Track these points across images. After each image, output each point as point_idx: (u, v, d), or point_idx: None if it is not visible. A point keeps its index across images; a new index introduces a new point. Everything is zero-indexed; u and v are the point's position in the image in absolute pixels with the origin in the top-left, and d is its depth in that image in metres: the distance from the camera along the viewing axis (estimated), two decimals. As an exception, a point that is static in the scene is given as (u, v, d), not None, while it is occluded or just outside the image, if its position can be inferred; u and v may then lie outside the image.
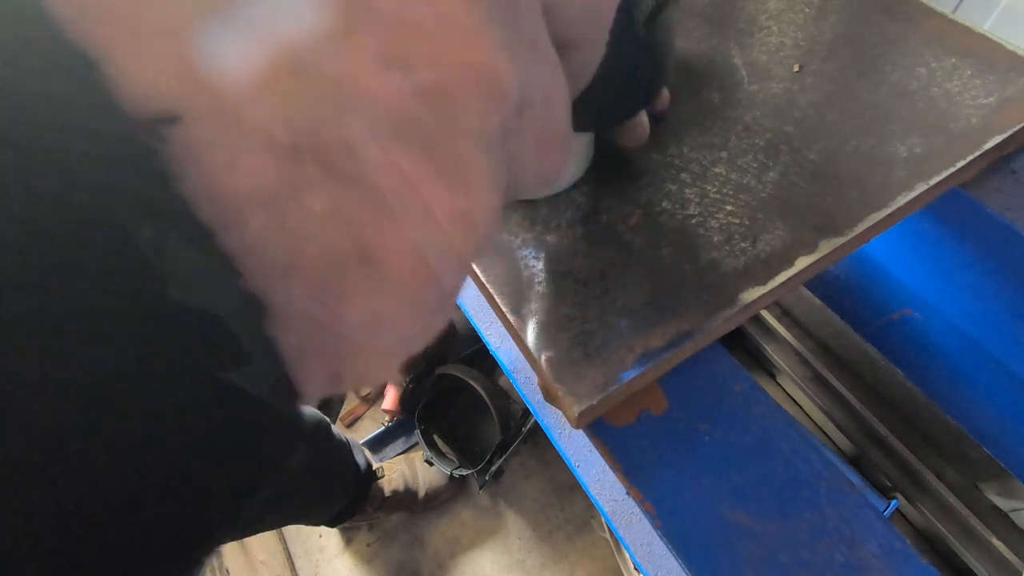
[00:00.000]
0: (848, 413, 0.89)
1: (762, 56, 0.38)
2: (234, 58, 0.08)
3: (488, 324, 0.36)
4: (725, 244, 0.30)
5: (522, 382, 0.34)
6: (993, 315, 0.43)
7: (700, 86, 0.37)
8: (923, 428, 0.84)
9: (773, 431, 0.29)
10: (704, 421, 0.29)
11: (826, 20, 0.39)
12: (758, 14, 0.40)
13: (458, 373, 1.06)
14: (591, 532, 1.10)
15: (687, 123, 0.35)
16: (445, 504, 1.14)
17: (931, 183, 0.30)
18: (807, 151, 0.33)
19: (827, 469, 0.28)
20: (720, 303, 0.28)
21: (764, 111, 0.35)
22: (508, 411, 1.07)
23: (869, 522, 0.27)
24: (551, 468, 1.16)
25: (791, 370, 0.94)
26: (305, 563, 1.13)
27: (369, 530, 1.14)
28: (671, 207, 0.31)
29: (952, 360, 0.50)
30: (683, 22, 0.41)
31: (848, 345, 0.87)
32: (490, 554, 1.10)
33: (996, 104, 0.33)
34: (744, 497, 0.27)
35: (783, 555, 0.26)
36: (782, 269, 0.29)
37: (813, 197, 0.31)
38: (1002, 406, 0.48)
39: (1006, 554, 0.75)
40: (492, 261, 0.31)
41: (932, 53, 0.36)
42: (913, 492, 0.83)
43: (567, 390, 0.27)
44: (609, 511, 0.30)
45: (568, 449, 0.33)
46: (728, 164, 0.33)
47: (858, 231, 0.29)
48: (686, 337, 0.27)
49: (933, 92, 0.34)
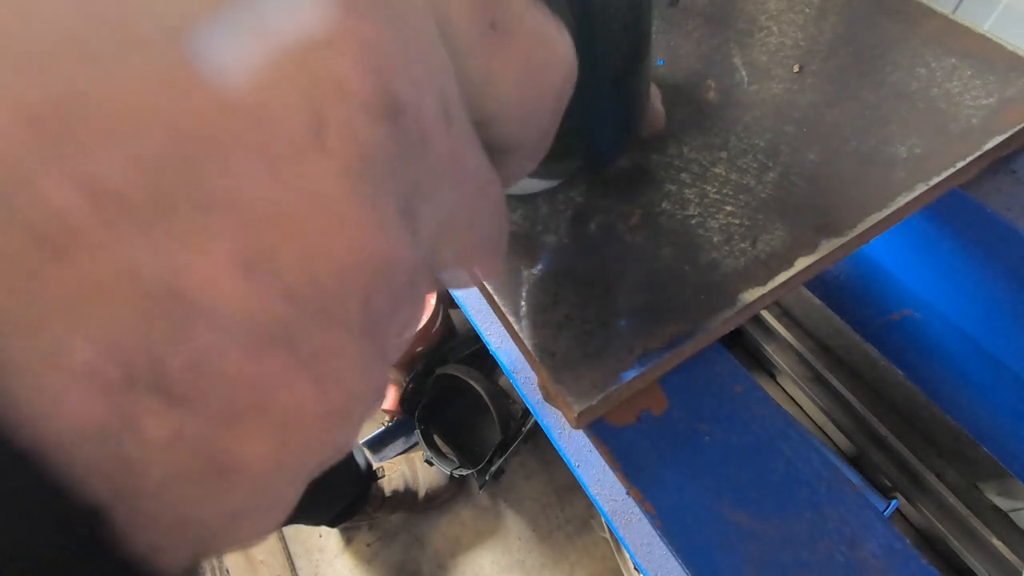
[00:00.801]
0: (848, 413, 0.89)
1: (762, 56, 0.38)
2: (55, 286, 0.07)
3: (488, 324, 0.36)
4: (725, 244, 0.30)
5: (522, 382, 0.34)
6: (993, 315, 0.43)
7: (700, 86, 0.37)
8: (923, 428, 0.84)
9: (773, 431, 0.29)
10: (704, 421, 0.29)
11: (826, 20, 0.39)
12: (758, 14, 0.40)
13: (458, 373, 1.06)
14: (591, 532, 1.10)
15: (687, 123, 0.35)
16: (445, 504, 1.14)
17: (931, 184, 0.30)
18: (807, 151, 0.33)
19: (827, 469, 0.28)
20: (720, 303, 0.28)
21: (764, 111, 0.35)
22: (508, 411, 1.07)
23: (869, 522, 0.27)
24: (551, 468, 1.16)
25: (791, 370, 0.94)
26: (305, 563, 1.13)
27: (369, 530, 1.14)
28: (671, 207, 0.31)
29: (952, 360, 0.50)
30: (683, 22, 0.41)
31: (848, 345, 0.87)
32: (490, 554, 1.10)
33: (996, 105, 0.33)
34: (744, 497, 0.27)
35: (783, 555, 0.26)
36: (782, 270, 0.29)
37: (813, 197, 0.31)
38: (1002, 406, 0.48)
39: (1006, 554, 0.75)
40: (492, 261, 0.31)
41: (932, 54, 0.36)
42: (913, 492, 0.83)
43: (567, 390, 0.27)
44: (609, 511, 0.30)
45: (568, 449, 0.33)
46: (728, 164, 0.33)
47: (858, 231, 0.29)
48: (686, 337, 0.27)
49: (933, 93, 0.34)
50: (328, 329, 0.09)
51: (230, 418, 0.09)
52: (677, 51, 0.39)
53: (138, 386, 0.08)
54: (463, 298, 0.38)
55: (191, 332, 0.08)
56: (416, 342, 1.06)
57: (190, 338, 0.08)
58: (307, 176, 0.08)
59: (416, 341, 1.05)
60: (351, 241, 0.09)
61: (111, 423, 0.08)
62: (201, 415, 0.08)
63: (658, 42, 0.40)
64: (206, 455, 0.09)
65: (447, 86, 0.11)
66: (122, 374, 0.08)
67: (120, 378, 0.08)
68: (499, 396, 1.06)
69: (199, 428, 0.08)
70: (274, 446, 0.09)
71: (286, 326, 0.08)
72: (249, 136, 0.08)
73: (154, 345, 0.08)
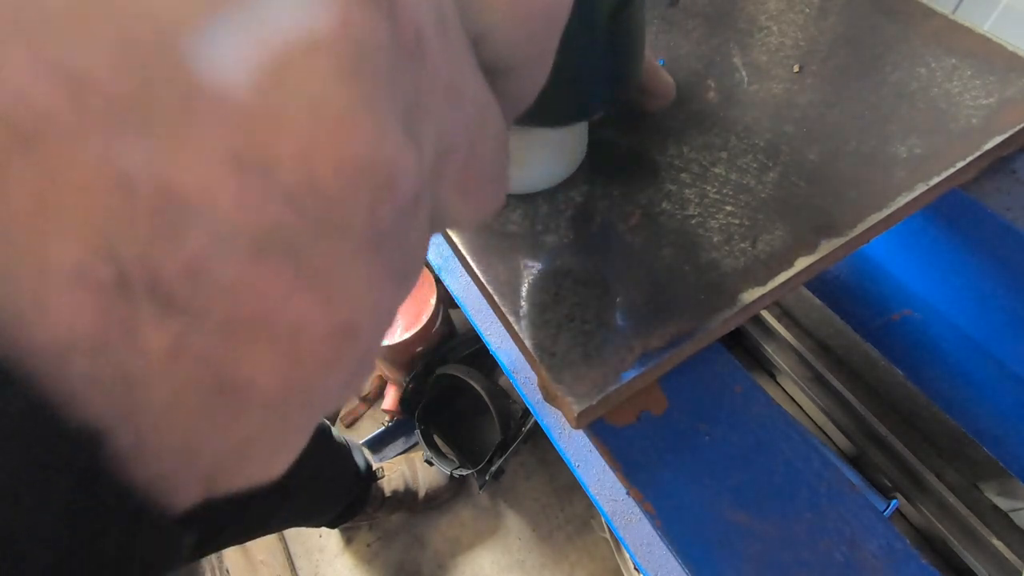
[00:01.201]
0: (848, 413, 0.89)
1: (762, 56, 0.38)
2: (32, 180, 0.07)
3: (488, 324, 0.36)
4: (725, 244, 0.30)
5: (522, 382, 0.34)
6: (993, 315, 0.43)
7: (700, 86, 0.37)
8: (923, 428, 0.84)
9: (773, 431, 0.29)
10: (704, 421, 0.29)
11: (826, 20, 0.39)
12: (758, 14, 0.40)
13: (458, 373, 1.06)
14: (591, 532, 1.10)
15: (687, 123, 0.35)
16: (445, 504, 1.14)
17: (931, 184, 0.31)
18: (807, 151, 0.33)
19: (827, 469, 0.28)
20: (720, 303, 0.28)
21: (764, 111, 0.35)
22: (508, 411, 1.07)
23: (869, 522, 0.27)
24: (551, 468, 1.16)
25: (791, 370, 0.94)
26: (305, 563, 1.13)
27: (369, 530, 1.14)
28: (671, 207, 0.31)
29: (952, 360, 0.50)
30: (683, 22, 0.41)
31: (848, 345, 0.87)
32: (490, 554, 1.10)
33: (996, 105, 0.33)
34: (744, 497, 0.27)
35: (783, 555, 0.26)
36: (782, 269, 0.29)
37: (813, 197, 0.31)
38: (1002, 406, 0.49)
39: (1006, 554, 0.75)
40: (492, 261, 0.31)
41: (932, 54, 0.36)
42: (913, 492, 0.83)
43: (567, 390, 0.27)
44: (609, 511, 0.30)
45: (568, 449, 0.33)
46: (728, 164, 0.33)
47: (858, 231, 0.29)
48: (686, 337, 0.27)
49: (933, 93, 0.34)
50: (331, 238, 0.08)
51: (233, 330, 0.08)
52: (677, 51, 0.39)
53: (134, 290, 0.07)
54: (463, 298, 0.38)
55: (185, 236, 0.07)
56: (416, 342, 1.06)
57: (185, 242, 0.07)
58: (296, 70, 0.08)
59: (416, 341, 1.05)
60: (350, 142, 0.08)
61: (107, 332, 0.07)
62: (202, 326, 0.08)
63: (658, 42, 0.40)
64: (211, 370, 0.08)
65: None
66: (115, 276, 0.07)
67: (113, 280, 0.07)
68: (499, 396, 1.06)
69: (201, 340, 0.08)
70: (280, 363, 0.09)
71: (287, 233, 0.08)
72: (237, 28, 0.07)
73: (147, 247, 0.07)
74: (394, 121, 0.09)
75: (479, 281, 0.31)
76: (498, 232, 0.32)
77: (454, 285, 0.38)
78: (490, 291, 0.30)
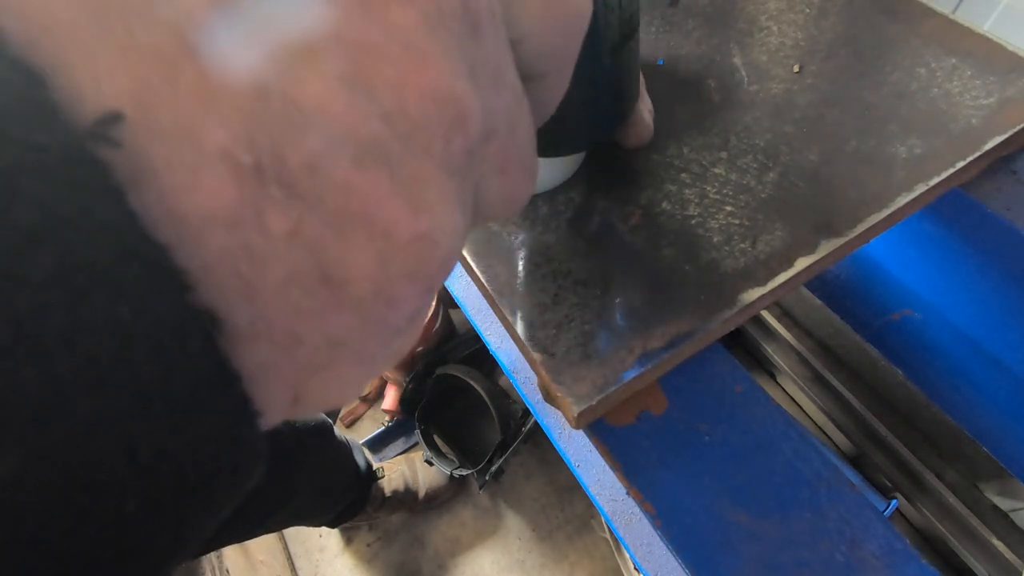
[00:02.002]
0: (848, 413, 0.89)
1: (762, 56, 0.38)
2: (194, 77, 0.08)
3: (488, 324, 0.36)
4: (725, 244, 0.30)
5: (522, 382, 0.34)
6: (993, 315, 0.43)
7: (700, 86, 0.37)
8: (923, 428, 0.84)
9: (773, 431, 0.29)
10: (704, 421, 0.29)
11: (826, 20, 0.39)
12: (758, 14, 0.40)
13: (458, 373, 1.06)
14: (591, 532, 1.10)
15: (687, 123, 0.35)
16: (445, 504, 1.14)
17: (931, 184, 0.30)
18: (807, 151, 0.33)
19: (827, 469, 0.28)
20: (720, 304, 0.28)
21: (764, 111, 0.35)
22: (508, 411, 1.07)
23: (869, 522, 0.27)
24: (551, 468, 1.16)
25: (791, 370, 0.94)
26: (305, 563, 1.13)
27: (369, 530, 1.14)
28: (671, 207, 0.31)
29: (952, 360, 0.50)
30: (683, 22, 0.41)
31: (848, 345, 0.87)
32: (490, 554, 1.10)
33: (996, 105, 0.33)
34: (744, 497, 0.27)
35: (783, 555, 0.26)
36: (782, 270, 0.29)
37: (813, 197, 0.31)
38: (1002, 406, 0.48)
39: (1006, 554, 0.75)
40: (492, 261, 0.31)
41: (932, 54, 0.36)
42: (913, 492, 0.83)
43: (567, 390, 0.27)
44: (609, 511, 0.30)
45: (568, 449, 0.33)
46: (728, 164, 0.33)
47: (858, 231, 0.29)
48: (686, 337, 0.27)
49: (933, 93, 0.34)
50: (417, 156, 0.10)
51: (340, 222, 0.09)
52: (677, 51, 0.39)
53: (265, 176, 0.09)
54: (463, 298, 0.38)
55: (305, 136, 0.09)
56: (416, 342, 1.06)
57: (306, 142, 0.09)
58: (392, 15, 0.09)
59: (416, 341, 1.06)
60: (432, 79, 0.10)
61: (242, 208, 0.08)
62: (316, 214, 0.09)
63: (658, 42, 0.40)
64: (318, 259, 0.09)
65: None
66: (252, 161, 0.08)
67: (251, 165, 0.08)
68: (499, 396, 1.06)
69: (314, 227, 0.09)
70: (375, 263, 0.10)
71: (383, 146, 0.09)
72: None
73: (276, 140, 0.09)
74: (465, 72, 0.10)
75: (479, 281, 0.31)
76: (498, 232, 0.32)
77: (454, 285, 0.38)
78: (490, 291, 0.30)
